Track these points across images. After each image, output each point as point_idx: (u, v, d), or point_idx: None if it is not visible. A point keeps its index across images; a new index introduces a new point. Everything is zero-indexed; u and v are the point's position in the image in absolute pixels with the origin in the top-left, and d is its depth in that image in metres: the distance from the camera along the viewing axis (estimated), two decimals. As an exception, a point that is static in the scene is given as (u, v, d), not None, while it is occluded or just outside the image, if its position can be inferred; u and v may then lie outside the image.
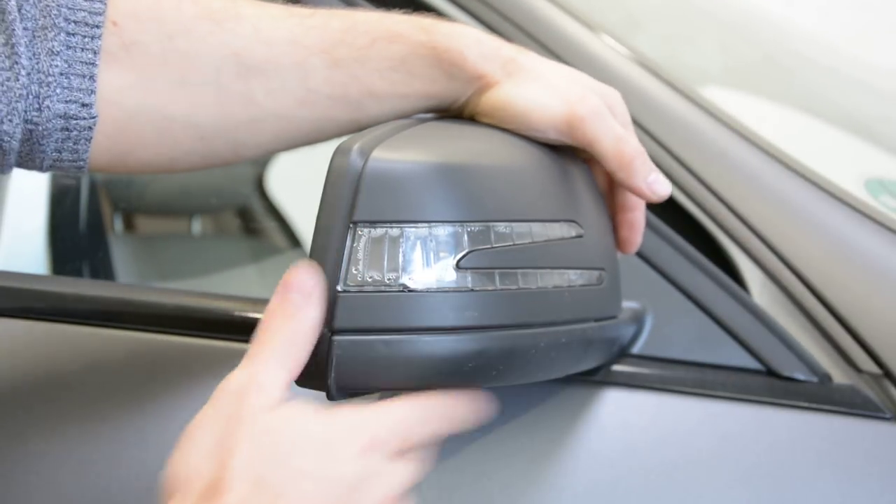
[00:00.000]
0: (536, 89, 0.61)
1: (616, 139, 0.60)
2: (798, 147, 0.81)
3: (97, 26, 0.59)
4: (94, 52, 0.59)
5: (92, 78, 0.59)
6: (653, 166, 0.61)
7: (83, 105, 0.59)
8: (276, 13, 0.64)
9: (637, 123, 0.78)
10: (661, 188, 0.61)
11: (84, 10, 0.59)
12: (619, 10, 1.18)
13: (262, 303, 0.75)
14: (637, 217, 0.65)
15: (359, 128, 0.64)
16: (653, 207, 0.74)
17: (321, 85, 0.63)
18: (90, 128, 0.59)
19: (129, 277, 1.19)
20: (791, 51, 1.43)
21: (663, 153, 0.77)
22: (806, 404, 0.68)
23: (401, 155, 0.52)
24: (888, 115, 1.31)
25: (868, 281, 0.71)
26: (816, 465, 0.66)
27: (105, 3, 0.59)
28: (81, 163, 0.61)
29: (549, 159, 0.60)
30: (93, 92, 0.59)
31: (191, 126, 0.62)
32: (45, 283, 0.85)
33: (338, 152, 0.52)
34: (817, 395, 0.68)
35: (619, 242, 0.66)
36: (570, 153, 0.62)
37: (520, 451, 0.66)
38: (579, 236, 0.59)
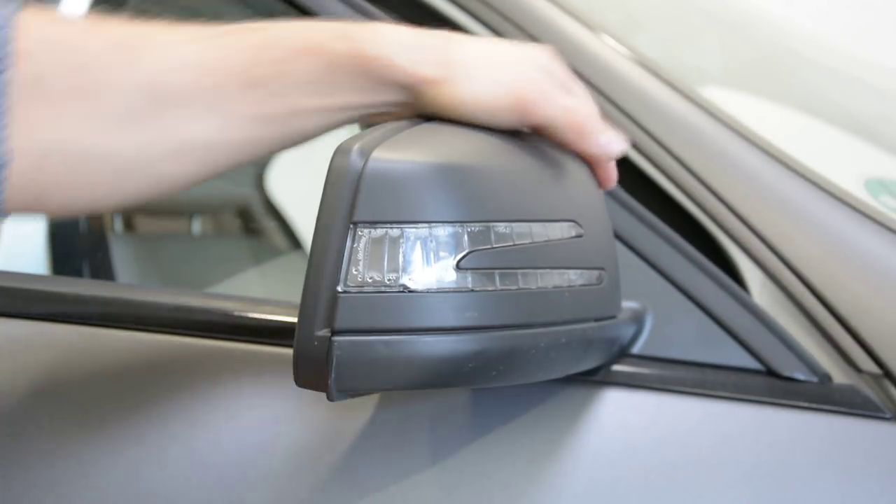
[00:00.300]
0: (479, 84, 0.60)
1: (566, 112, 0.60)
2: (798, 147, 0.81)
3: (6, 56, 0.54)
4: (4, 84, 0.54)
5: (2, 113, 0.54)
6: (604, 127, 0.61)
7: None
8: (188, 37, 0.60)
9: (637, 123, 0.78)
10: (615, 147, 0.62)
11: None
12: (619, 10, 1.18)
13: (262, 303, 0.75)
14: (608, 168, 0.65)
15: (291, 144, 0.62)
16: (652, 207, 0.74)
17: (239, 107, 0.59)
18: (4, 166, 0.54)
19: (129, 277, 1.19)
20: (791, 51, 1.43)
21: (663, 153, 0.77)
22: (806, 404, 0.68)
23: (401, 155, 0.52)
24: (888, 114, 1.31)
25: (868, 281, 0.71)
26: (816, 465, 0.66)
27: (15, 32, 0.55)
28: None
29: (549, 159, 0.60)
30: (5, 127, 0.54)
31: (107, 163, 0.58)
32: (45, 283, 0.85)
33: (338, 152, 0.52)
34: (817, 395, 0.68)
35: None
36: (570, 153, 0.62)
37: (520, 451, 0.66)
38: (579, 236, 0.59)
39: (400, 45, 0.60)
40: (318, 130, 0.62)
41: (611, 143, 0.62)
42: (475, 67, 0.60)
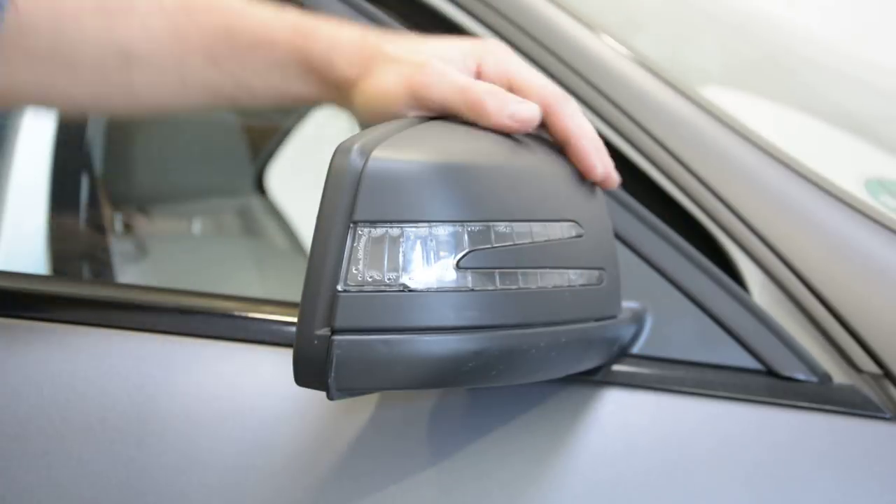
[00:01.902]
0: (382, 75, 0.63)
1: (460, 90, 0.60)
2: (798, 147, 0.81)
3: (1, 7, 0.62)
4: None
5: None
6: (512, 99, 0.60)
7: None
8: (164, 7, 0.67)
9: (637, 123, 0.77)
10: (525, 114, 0.60)
11: None
12: (619, 10, 1.18)
13: (262, 303, 0.75)
14: (581, 146, 0.62)
15: (239, 110, 0.70)
16: (653, 208, 0.74)
17: (197, 80, 0.67)
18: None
19: (129, 277, 1.19)
20: (791, 51, 1.43)
21: (663, 153, 0.77)
22: (806, 404, 0.68)
23: (401, 155, 0.52)
24: (888, 115, 1.31)
25: (868, 281, 0.71)
26: (816, 465, 0.66)
27: None
28: None
29: (549, 159, 0.60)
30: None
31: (69, 111, 0.68)
32: (45, 283, 0.85)
33: (338, 152, 0.52)
34: (817, 395, 0.68)
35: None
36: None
37: (520, 451, 0.66)
38: (579, 236, 0.59)
39: (343, 48, 0.65)
40: (263, 108, 0.69)
41: (521, 111, 0.60)
42: (388, 60, 0.63)
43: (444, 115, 0.63)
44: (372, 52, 0.64)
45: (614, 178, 0.65)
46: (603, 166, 0.63)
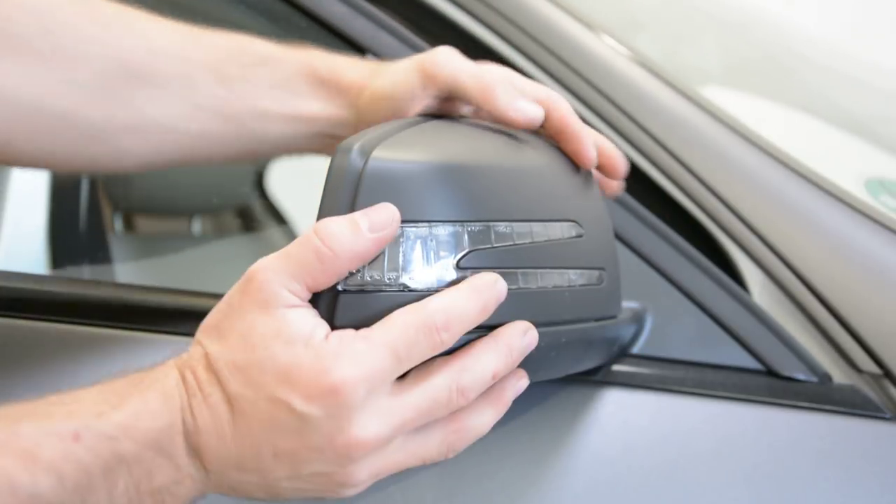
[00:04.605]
0: (392, 69, 0.64)
1: (473, 72, 0.61)
2: (798, 147, 0.81)
3: None
4: None
5: None
6: (518, 95, 0.61)
7: None
8: (166, 27, 0.66)
9: (637, 123, 0.78)
10: (530, 112, 0.60)
11: None
12: (619, 10, 1.18)
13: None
14: (579, 145, 0.62)
15: (248, 155, 0.67)
16: (653, 208, 0.74)
17: (207, 99, 0.65)
18: None
19: (129, 277, 1.19)
20: (791, 51, 1.43)
21: (663, 153, 0.77)
22: (806, 404, 0.68)
23: (401, 155, 0.52)
24: (888, 115, 1.31)
25: (868, 281, 0.71)
26: (816, 465, 0.66)
27: None
28: None
29: (549, 159, 0.60)
30: None
31: (71, 124, 0.63)
32: (45, 283, 0.85)
33: (338, 152, 0.51)
34: (817, 395, 0.68)
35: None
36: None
37: (520, 451, 0.66)
38: (579, 236, 0.59)
39: (342, 59, 0.67)
40: (276, 141, 0.67)
41: (526, 107, 0.60)
42: (391, 64, 0.65)
43: (443, 115, 0.63)
44: (374, 63, 0.66)
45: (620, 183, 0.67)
46: (595, 154, 0.62)
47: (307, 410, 0.48)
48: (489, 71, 0.62)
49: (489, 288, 0.51)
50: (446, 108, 0.64)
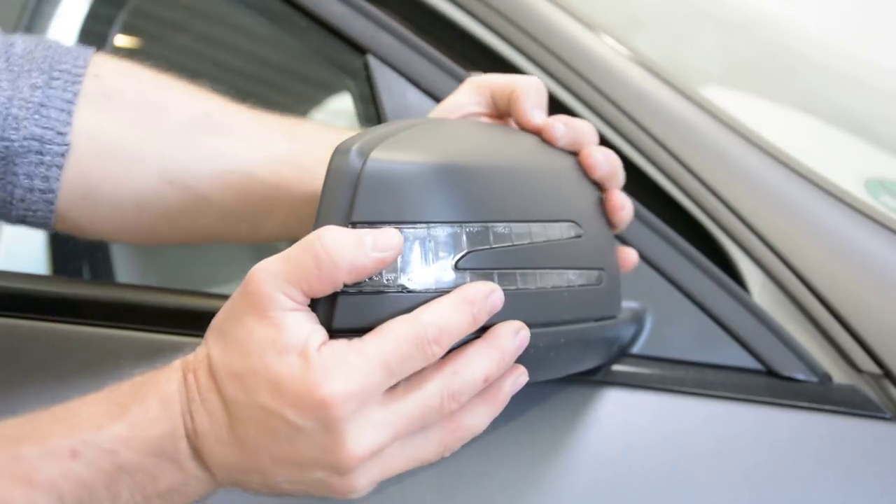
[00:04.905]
0: None
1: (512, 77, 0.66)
2: (798, 147, 0.81)
3: (78, 76, 0.66)
4: (74, 94, 0.65)
5: (69, 113, 0.65)
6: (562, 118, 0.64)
7: (58, 133, 0.65)
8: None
9: (637, 123, 0.78)
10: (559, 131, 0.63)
11: (68, 63, 0.66)
12: (619, 10, 1.18)
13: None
14: (622, 213, 0.64)
15: (308, 205, 0.69)
16: (653, 208, 0.74)
17: (280, 152, 0.69)
18: (62, 154, 0.65)
19: (129, 277, 1.19)
20: (791, 51, 1.43)
21: (663, 153, 0.77)
22: (806, 404, 0.68)
23: (400, 155, 0.52)
24: (888, 115, 1.31)
25: (868, 281, 0.71)
26: (816, 465, 0.66)
27: (88, 61, 0.67)
28: (51, 194, 0.66)
29: (548, 159, 0.60)
30: (68, 124, 0.65)
31: (158, 169, 0.68)
32: (45, 283, 0.85)
33: (337, 152, 0.51)
34: (817, 395, 0.68)
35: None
36: (569, 153, 0.62)
37: (520, 451, 0.66)
38: (578, 236, 0.59)
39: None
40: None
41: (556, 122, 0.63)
42: None
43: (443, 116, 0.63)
44: None
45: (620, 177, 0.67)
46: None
47: (299, 422, 0.48)
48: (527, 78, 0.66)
49: (482, 300, 0.51)
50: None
